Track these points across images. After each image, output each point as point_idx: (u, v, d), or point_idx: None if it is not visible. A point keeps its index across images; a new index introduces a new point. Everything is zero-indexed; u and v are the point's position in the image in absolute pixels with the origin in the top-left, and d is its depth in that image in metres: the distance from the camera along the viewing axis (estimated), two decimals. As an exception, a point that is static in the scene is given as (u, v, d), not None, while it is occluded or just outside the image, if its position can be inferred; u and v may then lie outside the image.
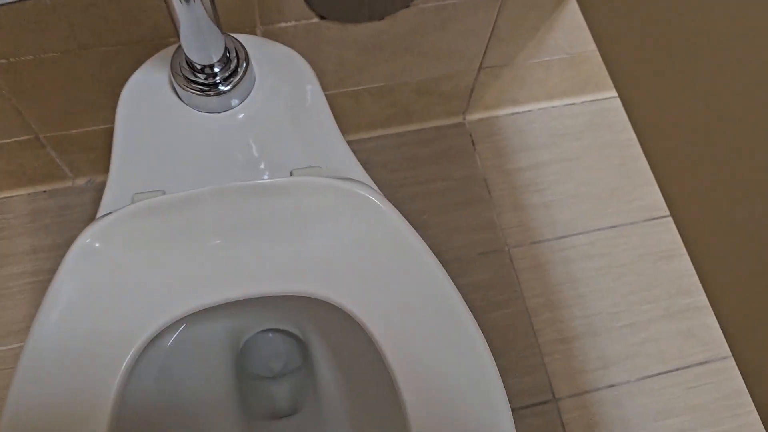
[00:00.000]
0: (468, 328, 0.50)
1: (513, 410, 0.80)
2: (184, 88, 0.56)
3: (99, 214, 0.53)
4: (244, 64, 0.57)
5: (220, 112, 0.58)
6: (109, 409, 0.46)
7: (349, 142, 0.91)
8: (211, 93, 0.56)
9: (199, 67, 0.55)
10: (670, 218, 0.95)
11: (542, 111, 1.03)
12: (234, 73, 0.57)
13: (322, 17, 0.73)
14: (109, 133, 0.59)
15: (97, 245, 0.49)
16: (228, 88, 0.56)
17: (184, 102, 0.58)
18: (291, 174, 0.54)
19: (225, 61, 0.56)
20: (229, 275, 0.51)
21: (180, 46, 0.54)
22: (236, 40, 0.58)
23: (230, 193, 0.51)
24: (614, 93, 1.04)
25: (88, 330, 0.48)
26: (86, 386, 0.47)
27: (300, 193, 0.52)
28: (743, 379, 0.85)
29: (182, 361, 0.63)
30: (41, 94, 0.73)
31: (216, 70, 0.56)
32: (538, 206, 0.97)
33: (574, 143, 1.02)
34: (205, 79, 0.56)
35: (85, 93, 0.75)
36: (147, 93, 0.59)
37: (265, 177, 0.56)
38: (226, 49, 0.55)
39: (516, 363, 0.88)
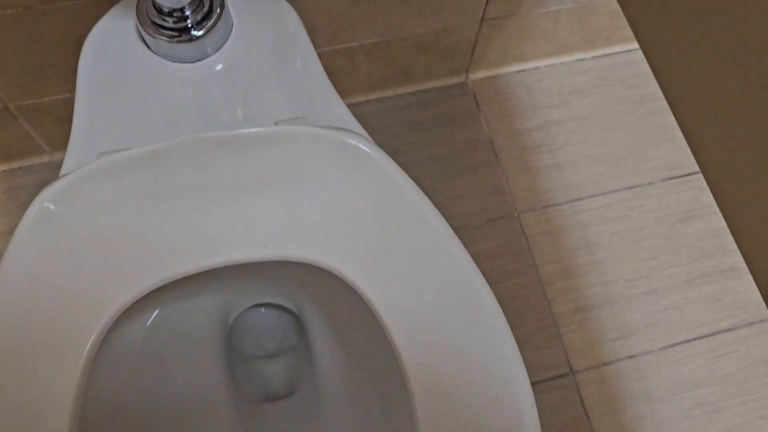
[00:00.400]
0: (477, 289, 0.44)
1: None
2: (152, 36, 0.50)
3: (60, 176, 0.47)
4: (219, 8, 0.51)
5: (194, 62, 0.52)
6: (71, 398, 0.41)
7: (344, 105, 0.84)
8: (183, 39, 0.50)
9: (167, 10, 0.49)
10: (691, 177, 0.89)
11: (550, 68, 0.96)
12: (207, 16, 0.50)
13: (308, -39, 0.66)
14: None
15: (53, 208, 0.43)
16: (201, 33, 0.50)
17: (153, 51, 0.52)
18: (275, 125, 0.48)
19: (197, 2, 0.50)
20: (207, 240, 0.45)
21: (145, -14, 0.48)
22: (209, -21, 0.51)
23: (205, 145, 0.45)
24: (626, 47, 0.97)
25: (46, 306, 0.42)
26: (46, 370, 0.41)
27: (285, 144, 0.46)
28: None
29: (165, 343, 0.57)
30: (3, 56, 0.67)
31: (187, 13, 0.49)
32: (550, 168, 0.90)
33: (585, 101, 0.95)
34: (175, 23, 0.50)
35: (52, 55, 0.68)
36: (112, 43, 0.53)
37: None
38: (197, -13, 0.49)
39: (530, 335, 0.82)
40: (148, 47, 0.52)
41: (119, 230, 0.44)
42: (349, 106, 0.87)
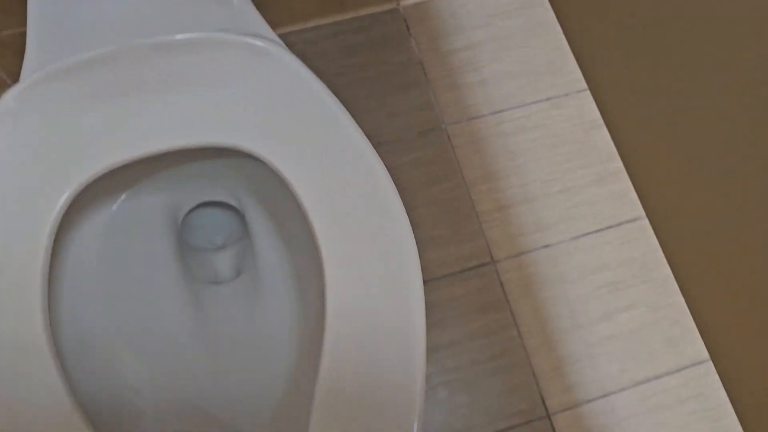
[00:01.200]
0: (371, 162, 0.53)
1: (453, 274, 0.86)
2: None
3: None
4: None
5: (128, -16, 0.60)
6: (41, 259, 0.50)
7: (283, 35, 0.93)
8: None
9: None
10: (601, 87, 0.98)
11: (476, -8, 1.04)
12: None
13: None
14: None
15: (13, 105, 0.52)
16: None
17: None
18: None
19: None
20: (146, 131, 0.54)
21: None
22: None
23: (143, 51, 0.53)
24: (546, -30, 1.05)
25: (14, 185, 0.51)
26: (16, 241, 0.50)
27: (212, 49, 0.54)
28: (656, 236, 0.91)
29: (126, 230, 0.66)
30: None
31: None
32: (474, 85, 1.00)
33: (508, 22, 1.03)
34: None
35: (7, -12, 0.75)
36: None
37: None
38: None
39: (456, 232, 0.92)
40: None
41: (71, 124, 0.53)
42: (287, 34, 0.95)
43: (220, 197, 0.72)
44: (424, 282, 0.89)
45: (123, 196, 0.66)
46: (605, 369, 0.88)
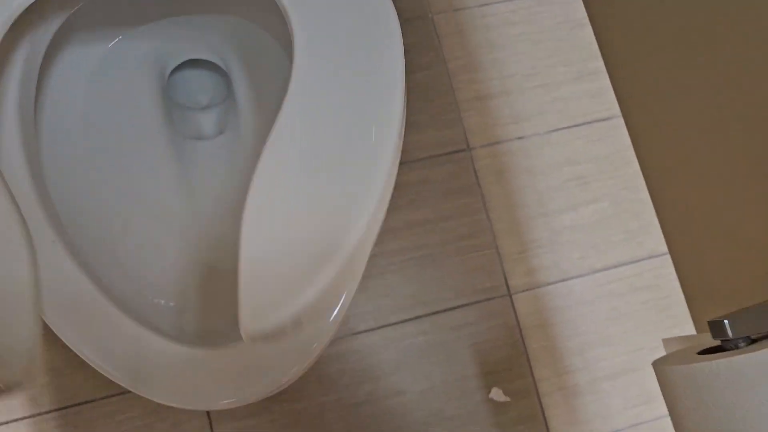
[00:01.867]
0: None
1: (432, 157, 0.89)
2: None
3: None
4: None
5: None
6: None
7: None
8: None
9: None
10: (588, -14, 1.00)
11: None
12: None
13: None
14: None
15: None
16: None
17: None
18: None
19: None
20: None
21: None
22: None
23: None
24: None
25: None
26: None
27: None
28: (629, 134, 0.95)
29: (112, 78, 0.68)
30: None
31: None
32: (463, -24, 1.00)
33: None
34: None
35: None
36: None
37: None
38: None
39: (435, 118, 0.95)
40: None
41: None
42: None
43: (207, 55, 0.74)
44: (402, 163, 0.92)
45: (111, 44, 0.68)
46: (566, 255, 0.93)
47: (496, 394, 0.89)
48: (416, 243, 0.91)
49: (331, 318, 0.52)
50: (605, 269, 0.94)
